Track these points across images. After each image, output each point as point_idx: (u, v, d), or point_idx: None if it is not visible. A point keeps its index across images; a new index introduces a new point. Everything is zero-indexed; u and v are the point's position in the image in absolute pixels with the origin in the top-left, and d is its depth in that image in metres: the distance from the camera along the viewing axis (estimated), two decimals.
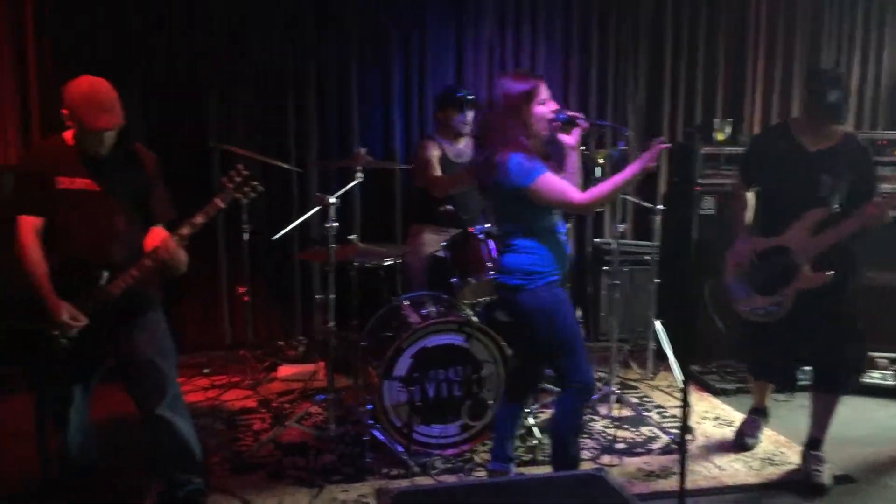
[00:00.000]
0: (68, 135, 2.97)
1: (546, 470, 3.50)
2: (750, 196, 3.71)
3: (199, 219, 2.91)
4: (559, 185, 2.94)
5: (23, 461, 3.39)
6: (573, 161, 3.05)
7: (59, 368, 2.94)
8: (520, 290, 3.05)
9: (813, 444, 3.59)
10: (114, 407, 3.69)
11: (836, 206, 3.47)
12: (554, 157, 3.08)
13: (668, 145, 2.73)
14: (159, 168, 3.14)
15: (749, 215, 3.71)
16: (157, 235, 2.96)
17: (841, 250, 3.44)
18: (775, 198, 3.61)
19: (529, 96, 2.96)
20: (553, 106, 3.00)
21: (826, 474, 3.47)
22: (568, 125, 2.99)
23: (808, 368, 3.96)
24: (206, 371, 4.88)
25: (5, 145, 4.79)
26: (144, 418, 2.97)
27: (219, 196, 2.95)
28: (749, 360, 4.09)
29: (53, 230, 2.94)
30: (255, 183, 3.01)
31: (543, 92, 2.99)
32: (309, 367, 4.83)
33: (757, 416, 3.98)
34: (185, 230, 2.89)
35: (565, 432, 3.19)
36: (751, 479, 3.55)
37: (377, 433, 3.67)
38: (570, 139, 3.04)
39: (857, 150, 3.49)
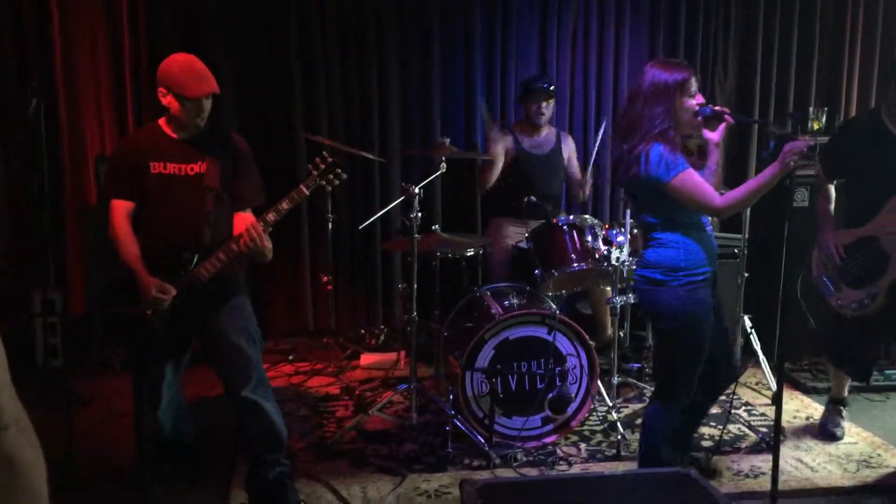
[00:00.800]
0: (162, 121, 3.07)
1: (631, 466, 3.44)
2: (832, 188, 3.64)
3: (285, 205, 2.95)
4: (700, 184, 2.81)
5: (121, 440, 3.55)
6: (715, 158, 2.92)
7: (153, 348, 3.05)
8: (661, 286, 2.91)
9: None
10: (205, 388, 3.83)
11: None
12: (697, 151, 3.02)
13: (812, 143, 2.57)
14: (250, 153, 3.21)
15: (832, 207, 3.63)
16: (244, 220, 3.04)
17: None
18: (862, 187, 3.52)
19: (681, 87, 2.83)
20: (700, 99, 2.87)
21: None
22: (713, 120, 2.85)
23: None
24: (290, 357, 4.98)
25: (103, 137, 4.98)
26: (233, 400, 3.03)
27: (304, 183, 2.99)
28: (829, 347, 3.98)
29: (146, 214, 3.05)
30: (339, 170, 3.03)
31: (694, 83, 2.86)
32: (390, 356, 4.87)
33: (836, 406, 3.90)
34: (271, 216, 2.94)
35: (655, 440, 3.09)
36: (845, 481, 3.42)
37: (459, 423, 3.67)
38: (714, 135, 2.89)
39: None
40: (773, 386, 4.35)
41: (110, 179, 3.11)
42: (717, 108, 2.84)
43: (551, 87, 4.69)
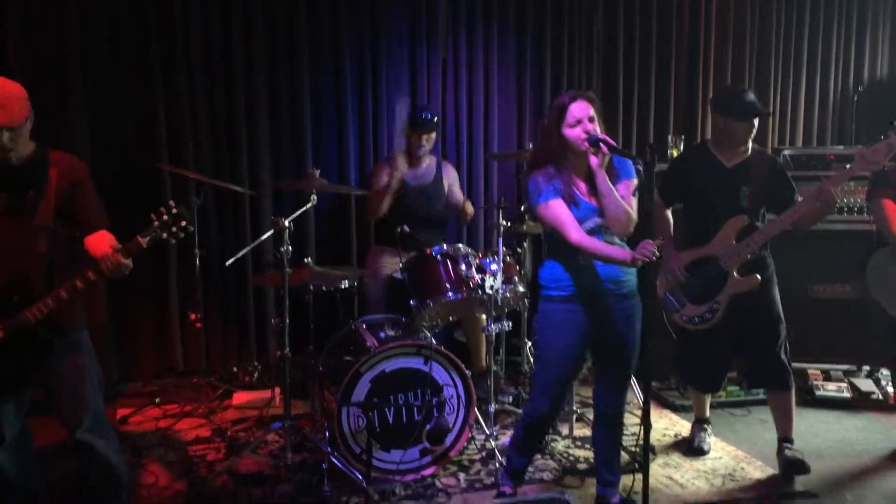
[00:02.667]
0: None
1: None
2: (669, 213, 3.93)
3: (101, 267, 2.76)
4: (560, 216, 2.96)
5: None
6: (599, 182, 2.96)
7: None
8: (540, 298, 3.18)
9: (784, 441, 3.77)
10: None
11: (758, 216, 3.72)
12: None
13: (657, 253, 2.77)
14: (84, 173, 2.96)
15: (671, 230, 3.92)
16: (102, 240, 2.83)
17: (760, 259, 3.70)
18: (699, 212, 3.81)
19: (558, 118, 2.98)
20: (588, 126, 2.94)
21: (802, 455, 3.68)
22: (595, 147, 2.92)
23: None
24: (157, 400, 4.74)
25: None
26: (69, 444, 2.92)
27: (141, 234, 2.79)
28: (676, 365, 4.29)
29: None
30: (185, 223, 2.83)
31: (576, 112, 2.95)
32: (265, 394, 4.72)
33: (701, 424, 4.12)
34: (91, 274, 2.76)
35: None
36: (712, 496, 3.54)
37: (336, 460, 3.59)
38: (593, 161, 2.96)
39: (768, 161, 3.78)
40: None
41: None
42: (600, 136, 2.93)
43: (434, 119, 4.71)
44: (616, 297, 3.06)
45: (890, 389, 4.71)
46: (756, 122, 3.69)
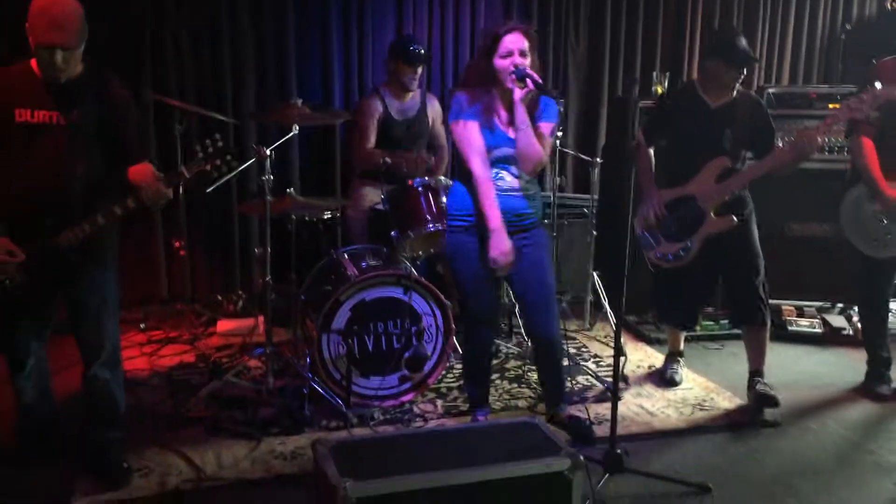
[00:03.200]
0: (34, 62, 2.76)
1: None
2: (651, 152, 3.95)
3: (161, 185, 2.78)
4: (470, 140, 3.00)
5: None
6: (517, 116, 3.01)
7: (4, 312, 2.87)
8: (446, 232, 3.28)
9: (754, 375, 3.86)
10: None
11: (739, 158, 3.75)
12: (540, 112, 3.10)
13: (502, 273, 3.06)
14: (133, 104, 2.98)
15: (652, 168, 3.94)
16: (144, 170, 2.83)
17: (739, 199, 3.74)
18: (682, 152, 3.84)
19: (490, 48, 2.99)
20: (517, 60, 2.96)
21: (773, 391, 3.74)
22: (521, 82, 2.96)
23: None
24: (142, 326, 4.81)
25: None
26: (83, 371, 3.00)
27: (186, 165, 2.81)
28: (655, 304, 4.38)
29: (8, 165, 2.78)
30: (231, 157, 2.85)
31: (509, 44, 2.96)
32: (248, 322, 4.79)
33: (674, 357, 4.23)
34: (130, 202, 2.79)
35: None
36: (681, 424, 3.66)
37: (316, 386, 3.68)
38: (517, 94, 3.00)
39: (753, 104, 3.80)
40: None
41: None
42: (527, 71, 2.94)
43: (423, 52, 4.67)
44: (516, 230, 3.12)
45: (860, 325, 4.81)
46: (745, 70, 3.70)
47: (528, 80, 2.92)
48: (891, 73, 3.68)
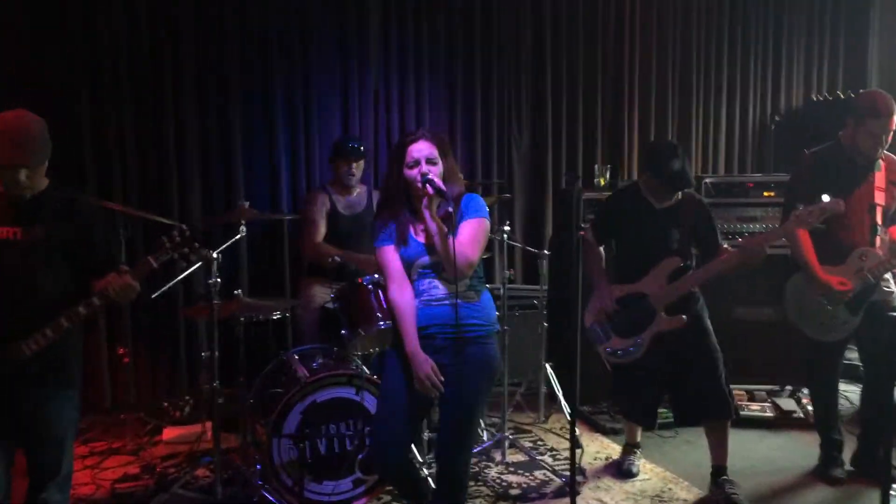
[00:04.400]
0: None
1: None
2: (602, 250, 4.02)
3: (126, 278, 2.72)
4: (386, 265, 2.93)
5: None
6: (427, 224, 2.89)
7: None
8: None
9: (719, 472, 3.81)
10: None
11: (688, 257, 3.82)
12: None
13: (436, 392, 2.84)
14: (101, 218, 2.95)
15: (603, 265, 3.99)
16: (107, 279, 2.76)
17: (689, 295, 3.79)
18: (631, 250, 3.91)
19: (398, 158, 2.91)
20: (423, 168, 2.85)
21: (742, 495, 3.68)
22: (424, 188, 2.85)
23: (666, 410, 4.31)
24: (84, 437, 4.62)
25: None
26: (29, 493, 2.84)
27: (153, 254, 2.76)
28: (614, 398, 4.40)
29: None
30: (198, 245, 2.83)
31: (415, 153, 2.87)
32: (195, 428, 4.64)
33: (631, 449, 4.20)
34: (95, 300, 2.72)
35: None
36: None
37: (267, 494, 3.56)
38: (423, 202, 2.90)
39: (697, 205, 3.89)
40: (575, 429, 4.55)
41: None
42: (429, 177, 2.83)
43: (361, 148, 4.74)
44: (460, 342, 2.86)
45: (810, 408, 4.85)
46: (681, 189, 3.79)
47: (427, 186, 2.82)
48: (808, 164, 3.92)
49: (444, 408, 2.93)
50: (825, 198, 3.56)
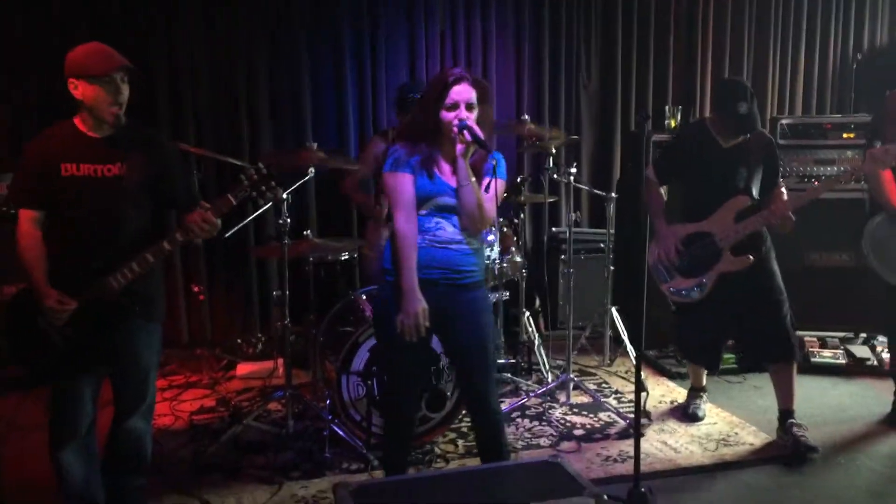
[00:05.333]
0: (77, 119, 2.80)
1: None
2: (663, 190, 3.93)
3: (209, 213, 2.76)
4: (400, 192, 2.76)
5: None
6: (459, 171, 2.78)
7: (54, 366, 2.79)
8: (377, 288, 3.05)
9: (786, 415, 3.77)
10: None
11: (755, 196, 3.72)
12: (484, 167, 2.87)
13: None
14: (179, 157, 3.01)
15: (663, 206, 3.91)
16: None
17: (756, 236, 3.72)
18: (697, 189, 3.83)
19: (437, 98, 2.77)
20: (463, 114, 2.74)
21: (811, 437, 3.64)
22: (461, 135, 2.75)
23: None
24: (163, 371, 4.82)
25: None
26: (115, 421, 2.96)
27: (231, 192, 2.78)
28: (675, 341, 4.32)
29: (58, 220, 2.79)
30: (275, 184, 2.81)
31: (455, 95, 2.74)
32: (268, 365, 4.80)
33: (696, 393, 4.18)
34: (179, 234, 2.77)
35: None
36: (705, 460, 3.61)
37: (336, 428, 3.67)
38: (458, 149, 2.78)
39: (766, 144, 3.78)
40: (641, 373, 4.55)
41: (16, 186, 2.83)
42: (468, 124, 2.73)
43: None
44: (453, 286, 2.82)
45: (885, 356, 4.75)
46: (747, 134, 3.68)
47: (466, 133, 2.72)
48: None
49: (462, 351, 2.93)
50: None
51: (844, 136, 5.02)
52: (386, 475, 3.11)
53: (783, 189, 3.70)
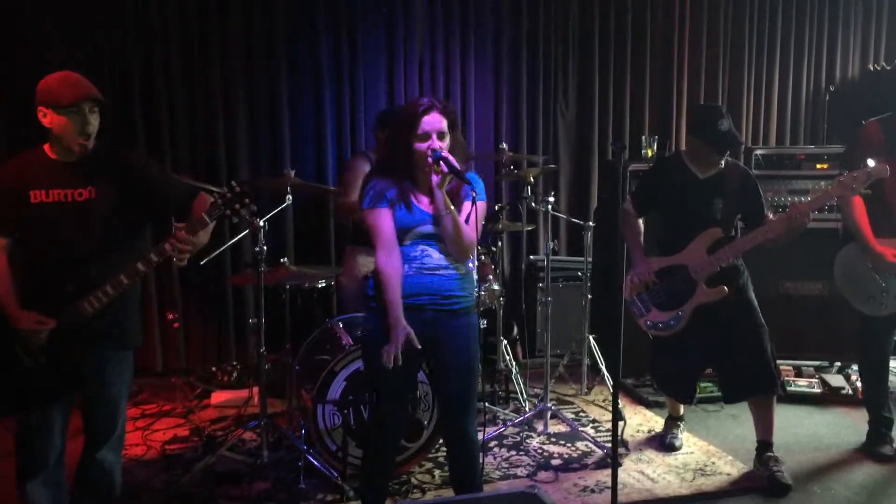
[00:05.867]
0: (47, 146, 2.78)
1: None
2: (640, 222, 3.94)
3: (168, 245, 2.71)
4: (380, 229, 2.78)
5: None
6: (437, 202, 2.78)
7: (25, 394, 2.73)
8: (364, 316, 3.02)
9: (764, 448, 3.76)
10: None
11: (731, 228, 3.76)
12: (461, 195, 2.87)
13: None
14: (149, 161, 2.97)
15: (641, 239, 3.92)
16: (200, 201, 2.84)
17: (732, 268, 3.72)
18: (673, 221, 3.84)
19: (409, 130, 2.78)
20: (434, 143, 2.74)
21: (787, 473, 3.64)
22: (437, 165, 2.74)
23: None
24: (136, 399, 4.75)
25: None
26: (85, 451, 2.91)
27: (206, 210, 2.74)
28: (651, 372, 4.31)
29: (27, 246, 2.77)
30: (249, 200, 2.76)
31: (426, 125, 2.75)
32: (242, 393, 4.74)
33: (674, 422, 4.18)
34: (153, 256, 2.72)
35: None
36: (683, 490, 3.60)
37: (311, 458, 3.62)
38: (434, 179, 2.78)
39: (742, 174, 3.79)
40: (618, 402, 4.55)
41: None
42: (443, 154, 2.73)
43: None
44: (441, 312, 2.83)
45: (859, 384, 4.77)
46: (728, 152, 3.70)
47: (441, 164, 2.72)
48: (875, 135, 3.75)
49: (445, 379, 2.95)
50: (870, 162, 3.49)
51: (818, 166, 5.08)
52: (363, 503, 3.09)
53: (771, 215, 3.68)
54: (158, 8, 5.03)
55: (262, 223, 3.72)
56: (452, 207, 2.78)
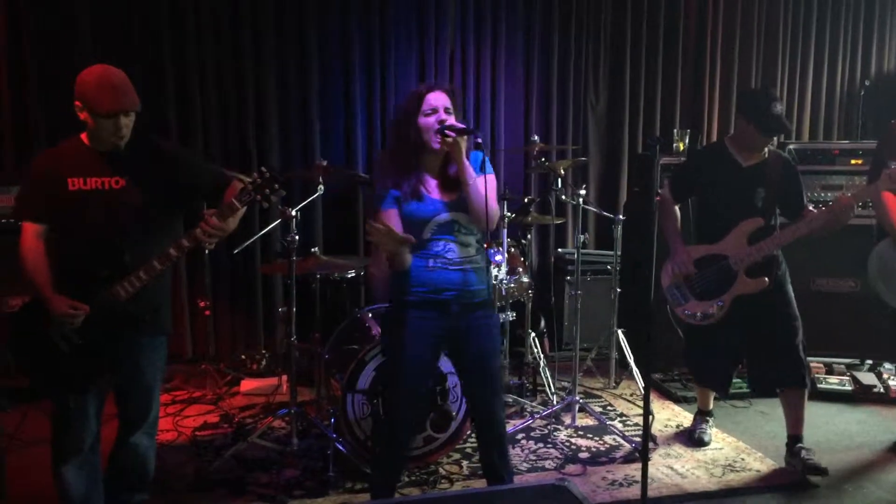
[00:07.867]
0: (84, 135, 2.83)
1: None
2: (677, 209, 3.89)
3: (199, 230, 2.74)
4: (381, 215, 2.77)
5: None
6: (464, 168, 2.74)
7: (61, 378, 2.78)
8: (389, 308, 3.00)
9: (795, 441, 3.75)
10: None
11: (772, 217, 3.70)
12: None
13: None
14: (182, 149, 3.02)
15: (679, 226, 3.87)
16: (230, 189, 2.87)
17: (772, 259, 3.67)
18: (713, 209, 3.79)
19: (415, 107, 2.78)
20: (442, 116, 2.75)
21: (819, 460, 3.62)
22: (443, 135, 2.73)
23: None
24: (167, 386, 4.81)
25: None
26: (119, 436, 2.97)
27: (236, 196, 2.75)
28: (686, 363, 4.25)
29: (63, 233, 2.82)
30: (278, 185, 2.77)
31: (432, 101, 2.76)
32: (272, 381, 4.79)
33: (703, 417, 4.14)
34: (185, 241, 2.74)
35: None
36: (712, 486, 3.58)
37: (340, 446, 3.65)
38: (436, 144, 2.77)
39: (785, 164, 3.73)
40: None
41: (22, 200, 2.87)
42: (449, 122, 2.73)
43: None
44: (468, 307, 2.84)
45: (892, 383, 4.74)
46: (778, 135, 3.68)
47: (447, 130, 2.71)
48: None
49: (472, 375, 2.95)
50: None
51: (852, 161, 5.03)
52: (372, 497, 3.10)
53: (811, 208, 3.62)
54: (194, 7, 5.09)
55: (293, 213, 3.74)
56: (474, 173, 2.75)
